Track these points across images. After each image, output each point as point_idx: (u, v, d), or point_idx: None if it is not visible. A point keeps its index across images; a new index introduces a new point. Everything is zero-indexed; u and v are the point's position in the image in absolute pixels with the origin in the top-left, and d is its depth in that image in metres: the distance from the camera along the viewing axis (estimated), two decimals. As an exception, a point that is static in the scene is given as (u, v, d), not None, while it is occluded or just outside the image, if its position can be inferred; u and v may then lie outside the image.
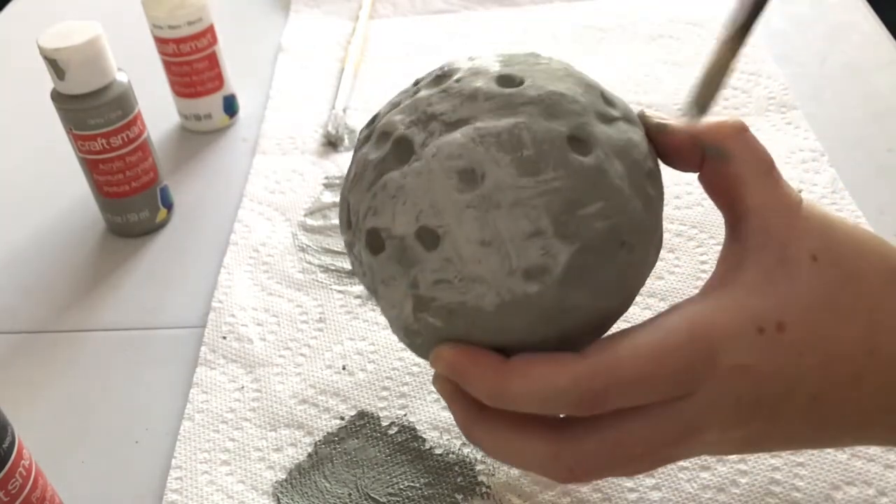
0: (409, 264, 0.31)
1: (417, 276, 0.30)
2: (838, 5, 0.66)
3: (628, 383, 0.28)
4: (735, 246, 0.31)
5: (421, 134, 0.31)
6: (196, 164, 0.60)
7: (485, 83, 0.31)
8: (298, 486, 0.39)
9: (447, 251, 0.30)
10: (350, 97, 0.64)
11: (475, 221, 0.29)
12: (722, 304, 0.29)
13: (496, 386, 0.30)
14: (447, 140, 0.30)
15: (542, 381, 0.29)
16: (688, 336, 0.29)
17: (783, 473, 0.37)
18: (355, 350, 0.45)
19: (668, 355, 0.28)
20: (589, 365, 0.28)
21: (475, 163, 0.30)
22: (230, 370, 0.45)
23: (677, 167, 0.33)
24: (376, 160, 0.32)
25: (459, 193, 0.30)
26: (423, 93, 0.32)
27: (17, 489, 0.34)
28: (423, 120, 0.31)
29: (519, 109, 0.30)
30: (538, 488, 0.38)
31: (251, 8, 0.77)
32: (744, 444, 0.31)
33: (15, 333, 0.49)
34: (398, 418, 0.41)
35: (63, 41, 0.48)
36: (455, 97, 0.31)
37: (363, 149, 0.34)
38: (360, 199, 0.32)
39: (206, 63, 0.60)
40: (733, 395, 0.29)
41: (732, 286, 0.30)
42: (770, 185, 0.31)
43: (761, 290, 0.29)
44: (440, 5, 0.74)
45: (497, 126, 0.30)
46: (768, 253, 0.30)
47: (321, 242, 0.52)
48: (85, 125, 0.50)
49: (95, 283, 0.52)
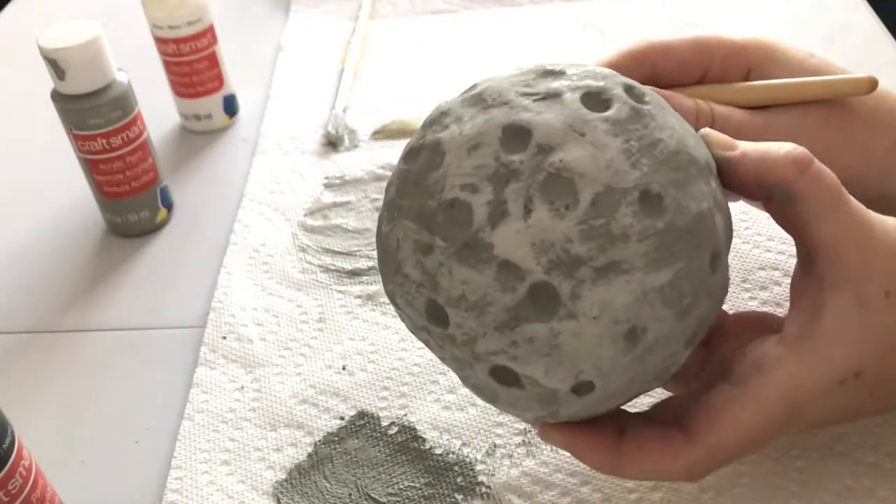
0: (551, 404, 0.30)
1: (559, 411, 0.31)
2: (838, 5, 0.66)
3: (731, 457, 0.31)
4: (810, 284, 0.32)
5: (567, 282, 0.28)
6: (196, 164, 0.60)
7: (631, 213, 0.28)
8: (298, 486, 0.39)
9: (599, 394, 0.30)
10: (350, 97, 0.64)
11: (631, 372, 0.29)
12: (808, 364, 0.31)
13: (610, 466, 0.32)
14: (608, 300, 0.28)
15: (656, 467, 0.31)
16: (784, 412, 0.31)
17: (783, 474, 0.37)
18: (355, 350, 0.45)
19: (768, 433, 0.31)
20: (699, 451, 0.31)
21: (639, 321, 0.28)
22: (230, 370, 0.45)
23: (743, 199, 0.34)
24: (509, 304, 0.28)
25: (624, 355, 0.29)
26: (546, 214, 0.28)
27: (17, 489, 0.34)
28: (566, 263, 0.28)
29: (672, 249, 0.28)
30: (538, 488, 0.38)
31: (251, 8, 0.77)
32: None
33: (15, 333, 0.49)
34: (398, 418, 0.41)
35: (63, 41, 0.48)
36: (600, 236, 0.28)
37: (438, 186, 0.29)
38: (475, 326, 0.29)
39: (206, 63, 0.60)
40: (801, 431, 0.33)
41: (815, 340, 0.31)
42: (840, 219, 0.31)
43: (842, 339, 0.31)
44: (440, 5, 0.74)
45: (659, 280, 0.28)
46: (845, 294, 0.31)
47: (321, 242, 0.52)
48: (85, 125, 0.50)
49: (95, 283, 0.52)
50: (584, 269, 0.28)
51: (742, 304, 0.44)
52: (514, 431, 0.40)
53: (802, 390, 0.30)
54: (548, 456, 0.39)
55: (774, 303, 0.43)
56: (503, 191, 0.28)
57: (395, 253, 0.31)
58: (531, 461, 0.39)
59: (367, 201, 0.54)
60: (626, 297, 0.28)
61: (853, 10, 0.66)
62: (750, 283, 0.44)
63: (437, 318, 0.30)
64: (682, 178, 0.29)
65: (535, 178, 0.28)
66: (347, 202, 0.54)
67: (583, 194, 0.28)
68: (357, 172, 0.56)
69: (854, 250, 0.31)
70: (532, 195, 0.28)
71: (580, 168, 0.28)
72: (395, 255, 0.31)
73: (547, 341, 0.28)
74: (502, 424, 0.40)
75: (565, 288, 0.28)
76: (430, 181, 0.30)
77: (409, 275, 0.30)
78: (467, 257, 0.29)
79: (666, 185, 0.29)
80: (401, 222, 0.31)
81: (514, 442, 0.40)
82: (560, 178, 0.28)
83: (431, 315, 0.30)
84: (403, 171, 0.32)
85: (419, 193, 0.30)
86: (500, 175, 0.28)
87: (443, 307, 0.30)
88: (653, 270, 0.28)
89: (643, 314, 0.28)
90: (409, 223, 0.30)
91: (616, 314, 0.28)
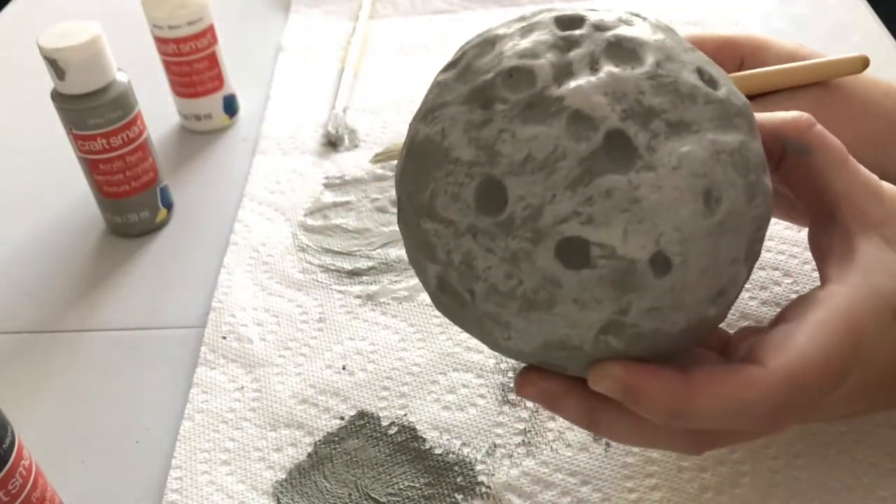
0: (627, 289, 0.27)
1: (632, 303, 0.27)
2: (838, 5, 0.66)
3: (808, 395, 0.29)
4: (835, 233, 0.32)
5: (643, 133, 0.27)
6: (196, 164, 0.60)
7: (694, 78, 0.28)
8: (298, 486, 0.39)
9: (675, 280, 0.27)
10: (350, 97, 0.64)
11: (708, 249, 0.27)
12: (861, 293, 0.30)
13: (680, 404, 0.28)
14: (688, 152, 0.27)
15: (733, 398, 0.28)
16: (849, 340, 0.29)
17: (783, 474, 0.37)
18: (355, 350, 0.45)
19: (835, 362, 0.29)
20: (777, 377, 0.28)
21: (715, 184, 0.27)
22: (230, 370, 0.45)
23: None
24: (584, 153, 0.27)
25: (704, 219, 0.27)
26: (615, 68, 0.28)
27: (17, 489, 0.34)
28: (640, 114, 0.27)
29: (734, 122, 0.29)
30: (538, 488, 0.38)
31: (251, 8, 0.77)
32: (854, 412, 0.33)
33: (15, 333, 0.49)
34: (398, 418, 0.41)
35: (63, 41, 0.48)
36: (670, 91, 0.28)
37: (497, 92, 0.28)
38: (541, 190, 0.27)
39: (206, 63, 0.60)
40: (867, 378, 0.31)
41: (859, 273, 0.30)
42: (852, 171, 0.32)
43: (884, 272, 0.30)
44: (440, 5, 0.74)
45: (729, 143, 0.28)
46: (873, 237, 0.31)
47: (321, 242, 0.52)
48: (85, 125, 0.50)
49: (95, 283, 0.52)
50: (658, 122, 0.27)
51: (742, 304, 0.44)
52: (514, 431, 0.40)
53: (861, 318, 0.29)
54: (548, 456, 0.39)
55: (774, 303, 0.43)
56: (566, 55, 0.28)
57: (439, 144, 0.29)
58: (531, 461, 0.39)
59: (367, 201, 0.54)
60: (703, 152, 0.27)
61: (853, 10, 0.66)
62: (750, 283, 0.44)
63: (490, 205, 0.28)
64: (724, 75, 0.30)
65: (596, 44, 0.28)
66: (347, 202, 0.54)
67: (646, 58, 0.28)
68: (357, 172, 0.56)
69: (872, 198, 0.32)
70: (597, 57, 0.28)
71: (640, 39, 0.29)
72: (440, 146, 0.29)
73: (626, 194, 0.26)
74: (502, 424, 0.40)
75: (642, 139, 0.27)
76: (480, 64, 0.29)
77: (460, 157, 0.28)
78: (533, 116, 0.27)
79: (716, 72, 0.30)
80: (443, 113, 0.29)
81: (514, 442, 0.40)
82: (621, 46, 0.29)
83: (484, 202, 0.28)
84: (440, 80, 0.31)
85: (466, 80, 0.29)
86: (561, 45, 0.29)
87: (501, 182, 0.28)
88: (722, 132, 0.28)
89: (718, 174, 0.27)
90: (457, 108, 0.29)
91: (695, 167, 0.27)
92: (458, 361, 0.44)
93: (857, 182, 0.32)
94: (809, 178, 0.33)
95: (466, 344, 0.44)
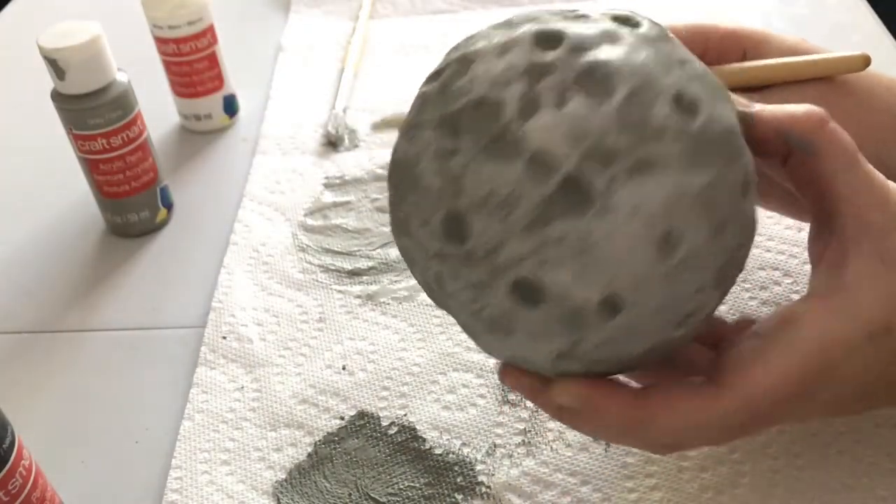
0: (576, 328, 0.28)
1: (581, 340, 0.28)
2: (838, 5, 0.66)
3: (763, 417, 0.30)
4: (831, 239, 0.31)
5: (601, 176, 0.26)
6: (196, 164, 0.60)
7: (667, 109, 0.27)
8: (298, 486, 0.39)
9: (628, 320, 0.28)
10: (350, 97, 0.64)
11: (663, 291, 0.27)
12: (839, 315, 0.30)
13: (636, 419, 0.30)
14: (645, 196, 0.27)
15: (690, 417, 0.30)
16: (818, 362, 0.29)
17: (783, 474, 0.37)
18: (355, 350, 0.45)
19: (802, 385, 0.29)
20: (734, 398, 0.29)
21: (674, 227, 0.27)
22: (230, 370, 0.45)
23: (760, 157, 0.33)
24: (539, 198, 0.27)
25: (659, 263, 0.27)
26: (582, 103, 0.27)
27: (17, 489, 0.34)
28: (601, 154, 0.27)
29: (707, 156, 0.27)
30: (538, 488, 0.38)
31: (251, 8, 0.77)
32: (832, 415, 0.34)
33: (15, 333, 0.49)
34: (398, 418, 0.41)
35: (63, 41, 0.48)
36: (637, 128, 0.27)
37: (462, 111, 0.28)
38: (500, 229, 0.27)
39: (206, 63, 0.60)
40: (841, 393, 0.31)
41: (842, 291, 0.30)
42: (859, 174, 0.31)
43: (869, 292, 0.30)
44: (440, 5, 0.74)
45: (694, 184, 0.27)
46: (868, 246, 0.30)
47: (321, 242, 0.52)
48: (85, 125, 0.50)
49: (95, 283, 0.52)
50: (619, 162, 0.26)
51: (742, 304, 0.44)
52: (514, 431, 0.40)
53: (835, 340, 0.29)
54: (548, 456, 0.39)
55: (774, 302, 0.43)
56: (536, 85, 0.28)
57: (413, 168, 0.29)
58: (531, 461, 0.39)
59: (367, 201, 0.54)
60: (663, 195, 0.26)
61: (853, 10, 0.66)
62: (750, 283, 0.44)
63: (455, 234, 0.29)
64: (712, 93, 0.29)
65: (569, 71, 0.28)
66: (347, 202, 0.54)
67: (619, 87, 0.27)
68: (357, 172, 0.56)
69: (874, 207, 0.31)
70: (567, 87, 0.27)
71: (616, 64, 0.28)
72: (412, 170, 0.29)
73: (579, 240, 0.27)
74: (502, 424, 0.40)
75: (599, 182, 0.26)
76: (455, 88, 0.29)
77: (429, 186, 0.29)
78: (495, 152, 0.27)
79: (699, 93, 0.28)
80: (420, 134, 0.29)
81: (514, 442, 0.40)
82: (595, 72, 0.27)
83: (449, 231, 0.29)
84: (424, 92, 0.31)
85: (442, 102, 0.29)
86: (534, 71, 0.28)
87: (464, 216, 0.28)
88: (688, 171, 0.27)
89: (679, 217, 0.27)
90: (429, 133, 0.29)
91: (652, 212, 0.26)
92: (458, 361, 0.44)
93: (862, 187, 0.31)
94: (814, 176, 0.31)
95: (466, 344, 0.44)
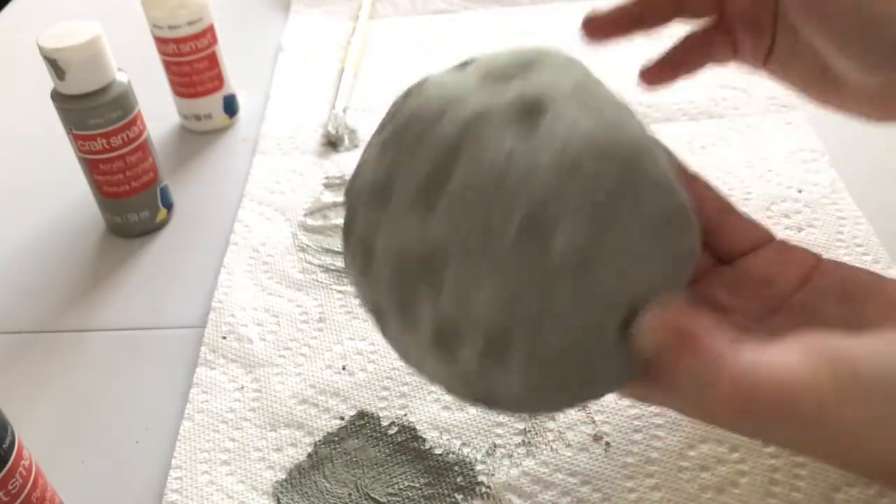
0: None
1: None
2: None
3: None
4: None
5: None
6: (196, 164, 0.60)
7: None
8: (298, 486, 0.39)
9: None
10: (350, 97, 0.64)
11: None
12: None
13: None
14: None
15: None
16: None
17: (783, 473, 0.37)
18: (355, 350, 0.45)
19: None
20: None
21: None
22: (230, 370, 0.45)
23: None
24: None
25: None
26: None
27: (17, 489, 0.34)
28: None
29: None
30: (538, 488, 0.38)
31: (251, 8, 0.77)
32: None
33: (15, 333, 0.49)
34: (398, 418, 0.41)
35: (63, 41, 0.48)
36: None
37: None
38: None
39: (206, 63, 0.60)
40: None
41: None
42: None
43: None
44: (440, 5, 0.74)
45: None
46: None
47: (321, 242, 0.52)
48: (85, 125, 0.50)
49: (95, 283, 0.52)
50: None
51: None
52: (514, 431, 0.40)
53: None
54: (548, 456, 0.39)
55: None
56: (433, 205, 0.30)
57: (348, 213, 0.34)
58: (531, 461, 0.39)
59: (367, 201, 0.54)
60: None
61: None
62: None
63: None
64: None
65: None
66: (347, 202, 0.54)
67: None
68: (357, 172, 0.56)
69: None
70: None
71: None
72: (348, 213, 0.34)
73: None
74: (502, 424, 0.40)
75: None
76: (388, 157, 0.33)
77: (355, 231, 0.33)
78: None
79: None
80: (357, 183, 0.34)
81: (514, 442, 0.40)
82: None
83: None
84: (373, 143, 0.35)
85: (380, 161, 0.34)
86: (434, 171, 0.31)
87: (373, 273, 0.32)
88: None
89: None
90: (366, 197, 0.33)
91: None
92: (458, 361, 0.43)
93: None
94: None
95: (466, 344, 0.44)
